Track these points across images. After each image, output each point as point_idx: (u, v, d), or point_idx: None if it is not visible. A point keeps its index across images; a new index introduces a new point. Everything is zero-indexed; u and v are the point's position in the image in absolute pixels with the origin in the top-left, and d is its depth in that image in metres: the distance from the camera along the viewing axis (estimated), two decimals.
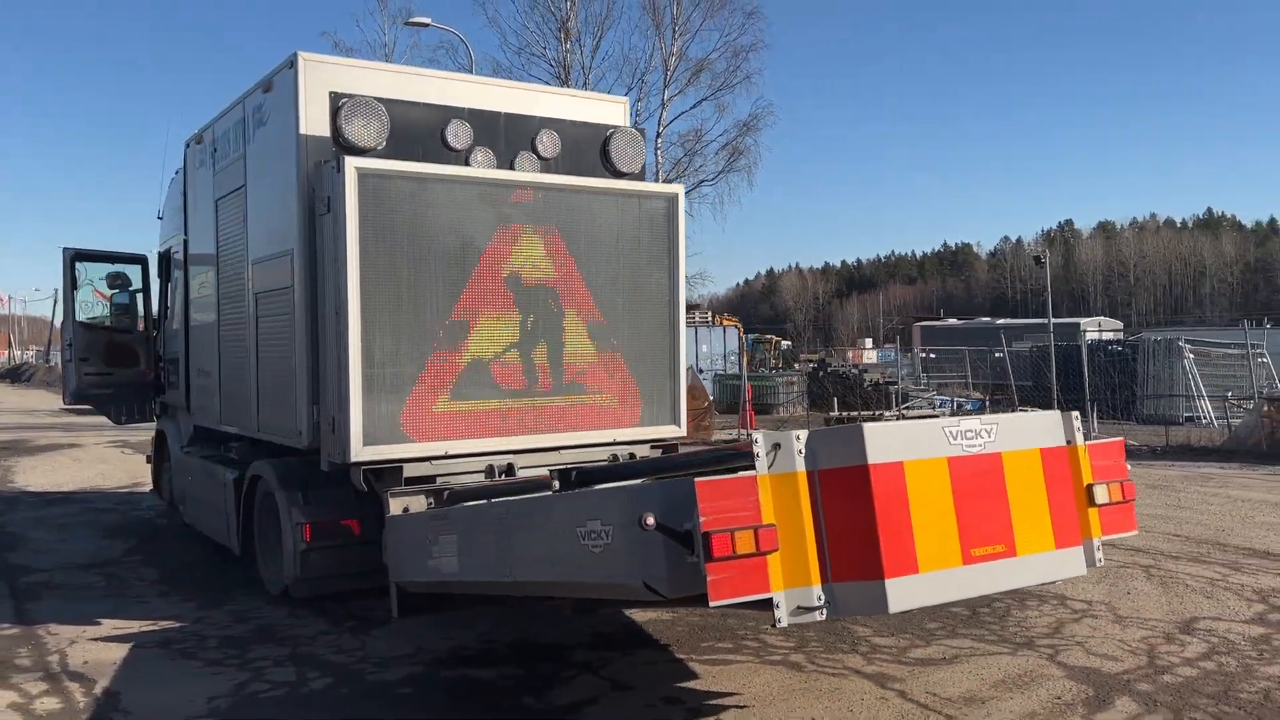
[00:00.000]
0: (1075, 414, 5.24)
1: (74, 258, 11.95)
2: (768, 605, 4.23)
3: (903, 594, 4.18)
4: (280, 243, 7.94)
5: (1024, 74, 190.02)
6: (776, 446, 4.30)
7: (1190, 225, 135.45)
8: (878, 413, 22.30)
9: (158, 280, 12.42)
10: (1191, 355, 25.54)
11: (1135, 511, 5.44)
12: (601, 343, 7.96)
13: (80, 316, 11.93)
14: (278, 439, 8.21)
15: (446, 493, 6.98)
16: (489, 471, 7.32)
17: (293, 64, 7.68)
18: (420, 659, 6.65)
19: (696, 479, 4.13)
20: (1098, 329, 39.29)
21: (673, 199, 8.27)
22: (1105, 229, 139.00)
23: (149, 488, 14.95)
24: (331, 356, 7.22)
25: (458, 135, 7.70)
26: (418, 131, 7.55)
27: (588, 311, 7.88)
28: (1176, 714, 5.50)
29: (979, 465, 4.52)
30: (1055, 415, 5.08)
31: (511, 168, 7.87)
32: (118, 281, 12.52)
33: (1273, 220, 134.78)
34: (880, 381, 30.26)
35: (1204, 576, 8.64)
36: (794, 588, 4.18)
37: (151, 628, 7.52)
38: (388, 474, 7.19)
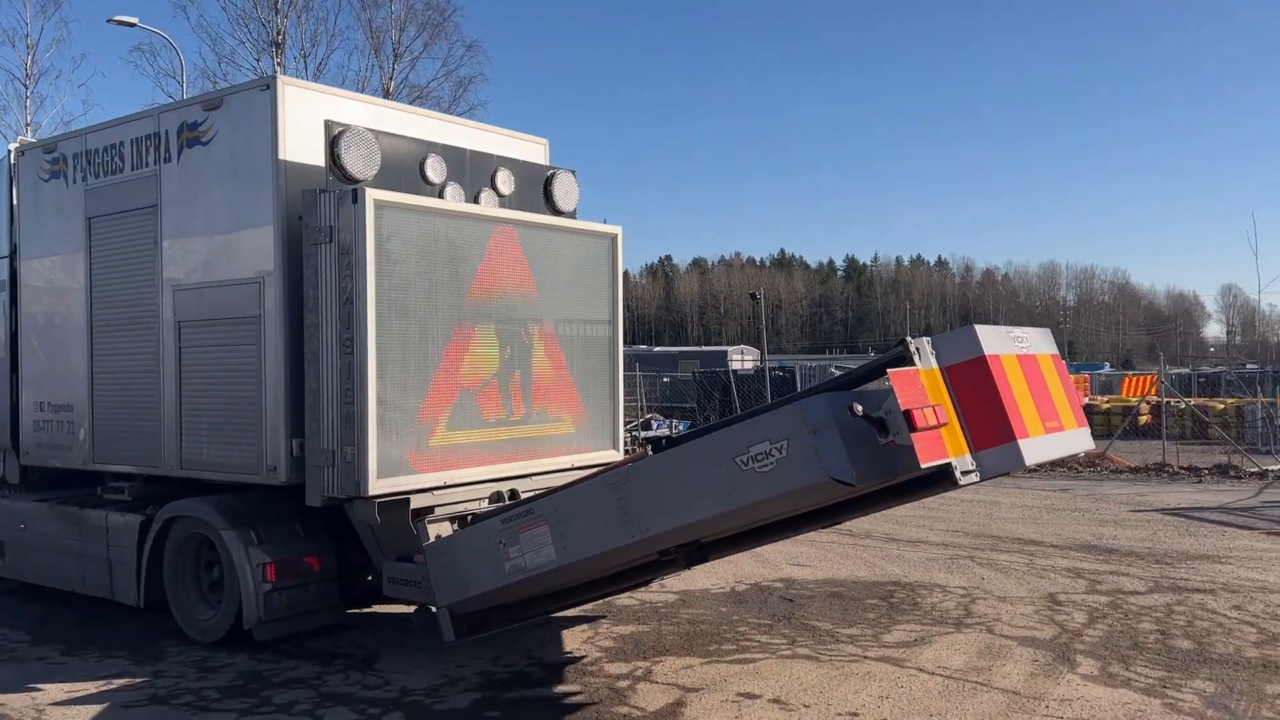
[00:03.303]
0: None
1: None
2: (934, 481, 5.19)
3: (1031, 450, 5.20)
4: (241, 269, 7.58)
5: (620, 119, 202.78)
6: (917, 350, 5.26)
7: (768, 264, 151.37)
8: None
9: None
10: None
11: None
12: (560, 373, 8.36)
13: None
14: (226, 476, 7.78)
15: (470, 516, 7.10)
16: (495, 497, 7.49)
17: (268, 86, 7.42)
18: (466, 685, 6.74)
19: (889, 369, 5.01)
20: (741, 355, 43.38)
21: (614, 238, 8.83)
22: (699, 265, 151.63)
23: None
24: (329, 389, 7.06)
25: (435, 169, 7.82)
26: (400, 164, 7.60)
27: (551, 343, 8.26)
28: (1125, 663, 7.02)
29: (1031, 361, 5.76)
30: (1048, 332, 6.39)
31: (477, 202, 8.10)
32: None
33: (831, 262, 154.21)
34: None
35: (1018, 563, 10.54)
36: (958, 456, 5.12)
37: (110, 687, 6.87)
38: (390, 507, 7.15)
